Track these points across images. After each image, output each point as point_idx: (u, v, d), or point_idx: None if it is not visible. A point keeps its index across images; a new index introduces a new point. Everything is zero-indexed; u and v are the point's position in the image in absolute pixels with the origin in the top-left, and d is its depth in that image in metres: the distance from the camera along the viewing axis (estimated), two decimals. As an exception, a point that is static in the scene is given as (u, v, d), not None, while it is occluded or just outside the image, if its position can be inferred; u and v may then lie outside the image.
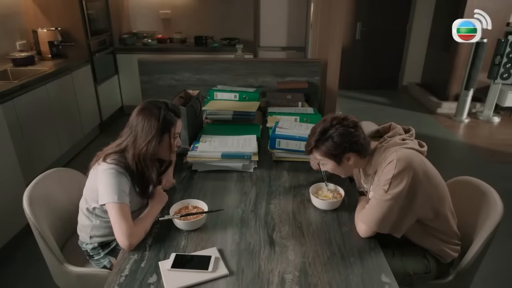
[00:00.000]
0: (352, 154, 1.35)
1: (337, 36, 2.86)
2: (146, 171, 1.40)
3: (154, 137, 1.37)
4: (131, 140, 1.39)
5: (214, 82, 2.92)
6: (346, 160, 1.37)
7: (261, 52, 4.74)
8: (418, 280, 1.41)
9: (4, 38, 3.36)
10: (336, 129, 1.33)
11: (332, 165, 1.40)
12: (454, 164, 3.62)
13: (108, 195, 1.29)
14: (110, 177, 1.31)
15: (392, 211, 1.27)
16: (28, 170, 2.62)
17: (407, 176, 1.25)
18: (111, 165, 1.34)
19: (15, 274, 2.18)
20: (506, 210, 1.39)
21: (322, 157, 1.39)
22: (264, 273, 1.15)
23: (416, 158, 1.28)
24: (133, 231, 1.26)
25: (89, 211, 1.46)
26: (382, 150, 1.35)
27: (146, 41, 4.50)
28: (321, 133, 1.35)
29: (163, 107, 1.41)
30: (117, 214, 1.26)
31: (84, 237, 1.50)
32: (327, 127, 1.35)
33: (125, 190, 1.33)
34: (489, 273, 2.16)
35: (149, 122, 1.38)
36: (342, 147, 1.33)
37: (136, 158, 1.37)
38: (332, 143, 1.33)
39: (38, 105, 2.95)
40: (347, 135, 1.32)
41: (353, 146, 1.33)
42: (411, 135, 1.40)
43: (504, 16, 4.64)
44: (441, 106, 5.11)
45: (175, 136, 1.46)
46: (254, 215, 1.44)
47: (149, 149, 1.37)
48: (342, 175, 1.49)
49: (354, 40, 5.79)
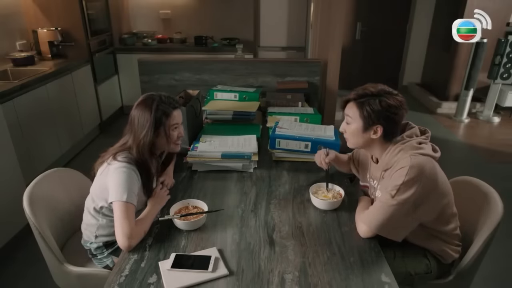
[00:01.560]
0: (381, 129, 1.31)
1: (337, 36, 2.86)
2: (147, 165, 1.41)
3: (149, 130, 1.38)
4: (132, 136, 1.41)
5: (214, 82, 2.92)
6: (373, 130, 1.33)
7: (261, 52, 4.74)
8: (419, 280, 1.41)
9: (4, 38, 3.36)
10: (386, 98, 1.30)
11: (358, 127, 1.34)
12: (454, 164, 3.62)
13: (117, 193, 1.29)
14: (122, 176, 1.32)
15: (395, 216, 1.26)
16: (28, 170, 2.62)
17: (416, 185, 1.23)
18: (123, 163, 1.35)
19: (15, 274, 2.18)
20: (506, 210, 1.39)
21: (355, 114, 1.34)
22: (264, 273, 1.15)
23: (428, 166, 1.26)
24: (134, 232, 1.26)
25: (96, 210, 1.46)
26: (398, 151, 1.31)
27: (146, 41, 4.50)
28: (371, 93, 1.31)
29: (156, 99, 1.42)
30: (121, 213, 1.27)
31: (89, 236, 1.50)
32: (378, 92, 1.31)
33: (134, 190, 1.33)
34: (489, 273, 2.16)
35: (143, 115, 1.39)
36: (382, 115, 1.29)
37: (140, 152, 1.39)
38: (376, 107, 1.29)
39: (38, 105, 2.95)
40: (390, 107, 1.29)
41: (390, 122, 1.30)
42: (427, 138, 1.37)
43: (504, 16, 4.64)
44: (441, 106, 5.11)
45: (173, 127, 1.46)
46: (254, 215, 1.44)
47: (146, 142, 1.39)
48: (351, 144, 1.43)
49: (354, 40, 5.79)
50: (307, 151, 1.84)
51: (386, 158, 1.34)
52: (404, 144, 1.32)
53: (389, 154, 1.33)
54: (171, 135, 1.46)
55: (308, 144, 1.83)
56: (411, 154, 1.27)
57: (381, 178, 1.38)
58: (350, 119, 1.37)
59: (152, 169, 1.44)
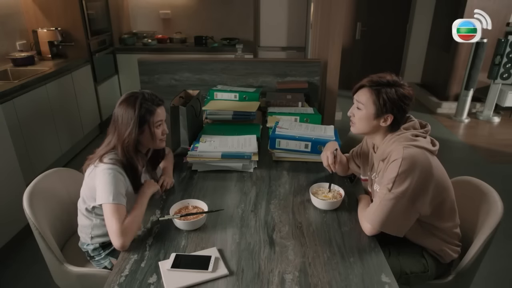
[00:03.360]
0: (391, 118, 1.32)
1: (337, 36, 2.86)
2: (133, 163, 1.41)
3: (133, 128, 1.38)
4: (116, 134, 1.40)
5: (214, 82, 2.92)
6: (383, 118, 1.34)
7: (261, 52, 4.73)
8: (416, 279, 1.40)
9: (4, 38, 3.36)
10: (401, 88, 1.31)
11: (369, 113, 1.34)
12: (454, 164, 3.62)
13: (103, 196, 1.30)
14: (107, 177, 1.32)
15: (395, 210, 1.27)
16: (28, 170, 2.62)
17: (411, 176, 1.24)
18: (108, 164, 1.35)
19: (15, 274, 2.18)
20: (506, 210, 1.39)
21: (369, 100, 1.34)
22: (264, 273, 1.15)
23: (422, 157, 1.26)
24: (124, 230, 1.26)
25: (88, 210, 1.46)
26: (392, 141, 1.33)
27: (146, 41, 4.50)
28: (387, 82, 1.32)
29: (140, 97, 1.41)
30: (110, 214, 1.28)
31: (85, 238, 1.50)
32: (394, 82, 1.32)
33: (121, 191, 1.33)
34: (489, 273, 2.16)
35: (127, 113, 1.39)
36: (396, 105, 1.30)
37: (124, 151, 1.38)
38: (393, 95, 1.30)
39: (38, 105, 2.95)
40: (405, 97, 1.31)
41: (400, 112, 1.32)
42: (426, 132, 1.38)
43: (504, 16, 4.64)
44: (441, 106, 5.11)
45: (157, 124, 1.45)
46: (254, 215, 1.44)
47: (130, 140, 1.38)
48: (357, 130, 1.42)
49: (354, 40, 5.79)
50: (307, 151, 1.84)
51: (382, 147, 1.36)
52: (399, 135, 1.33)
53: (385, 143, 1.35)
54: (156, 132, 1.45)
55: (308, 144, 1.83)
56: (404, 145, 1.28)
57: (378, 168, 1.39)
58: (361, 105, 1.37)
59: (139, 167, 1.44)
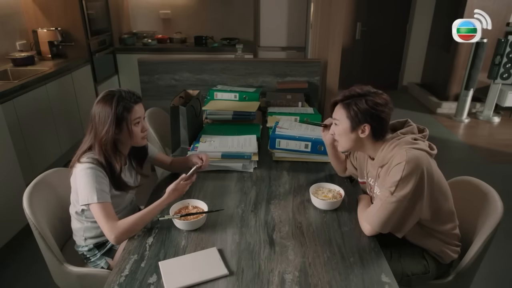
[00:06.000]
0: (369, 127, 1.33)
1: (337, 36, 2.86)
2: (111, 161, 1.40)
3: (110, 126, 1.36)
4: (93, 133, 1.39)
5: (214, 82, 2.92)
6: (360, 130, 1.35)
7: (261, 52, 4.73)
8: (417, 281, 1.41)
9: (4, 38, 3.36)
10: (371, 97, 1.33)
11: (345, 128, 1.37)
12: (454, 164, 3.62)
13: (87, 196, 1.30)
14: (86, 177, 1.32)
15: (396, 213, 1.27)
16: (28, 170, 2.62)
17: (414, 179, 1.24)
18: (85, 164, 1.34)
19: (15, 274, 2.18)
20: (506, 210, 1.39)
21: (343, 115, 1.37)
22: (264, 273, 1.15)
23: (425, 160, 1.27)
24: (117, 226, 1.26)
25: (78, 214, 1.46)
26: (393, 147, 1.33)
27: (146, 41, 4.50)
28: (357, 94, 1.34)
29: (117, 95, 1.39)
30: (99, 213, 1.28)
31: (79, 241, 1.51)
32: (364, 93, 1.34)
33: (103, 188, 1.33)
34: (489, 273, 2.16)
35: (104, 111, 1.37)
36: (368, 114, 1.31)
37: (102, 149, 1.37)
38: (363, 105, 1.32)
39: (38, 105, 2.95)
40: (376, 105, 1.31)
41: (376, 120, 1.32)
42: (424, 136, 1.38)
43: (504, 16, 4.64)
44: (441, 106, 5.11)
45: (135, 121, 1.42)
46: (254, 215, 1.44)
47: (108, 138, 1.37)
48: (341, 147, 1.45)
49: (354, 40, 5.79)
50: (307, 151, 1.84)
51: (381, 155, 1.36)
52: (399, 140, 1.34)
53: (384, 150, 1.35)
54: (134, 130, 1.42)
55: (308, 144, 1.83)
56: (406, 148, 1.28)
57: (377, 175, 1.39)
58: (337, 121, 1.41)
59: (116, 166, 1.42)
